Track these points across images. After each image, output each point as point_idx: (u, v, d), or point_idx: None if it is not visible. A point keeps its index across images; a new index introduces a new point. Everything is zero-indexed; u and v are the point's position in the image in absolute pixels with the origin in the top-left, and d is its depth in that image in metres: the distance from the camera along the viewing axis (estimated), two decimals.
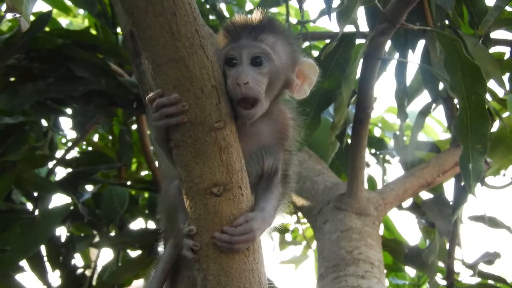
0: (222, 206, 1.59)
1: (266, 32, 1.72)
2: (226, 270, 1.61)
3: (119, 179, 4.61)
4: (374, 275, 2.52)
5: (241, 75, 1.64)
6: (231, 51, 1.69)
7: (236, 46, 1.69)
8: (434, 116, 4.79)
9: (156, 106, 1.57)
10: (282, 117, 1.81)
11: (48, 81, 3.77)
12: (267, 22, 1.75)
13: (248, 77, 1.64)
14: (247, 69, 1.66)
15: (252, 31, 1.71)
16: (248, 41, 1.69)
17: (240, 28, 1.72)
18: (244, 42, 1.69)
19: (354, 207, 2.76)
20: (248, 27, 1.72)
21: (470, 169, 2.32)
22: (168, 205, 1.84)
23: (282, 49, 1.74)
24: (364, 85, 2.59)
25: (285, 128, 1.81)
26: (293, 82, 1.79)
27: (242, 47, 1.69)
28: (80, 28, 5.03)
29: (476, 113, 2.29)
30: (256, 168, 1.74)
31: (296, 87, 1.80)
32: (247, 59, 1.68)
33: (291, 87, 1.80)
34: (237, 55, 1.68)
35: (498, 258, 3.17)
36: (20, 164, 3.40)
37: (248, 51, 1.68)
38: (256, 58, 1.68)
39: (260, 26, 1.72)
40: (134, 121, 4.65)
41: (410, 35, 2.93)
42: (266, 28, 1.73)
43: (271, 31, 1.74)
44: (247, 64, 1.68)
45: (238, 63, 1.68)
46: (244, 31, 1.71)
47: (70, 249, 4.04)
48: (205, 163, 1.57)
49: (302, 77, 1.81)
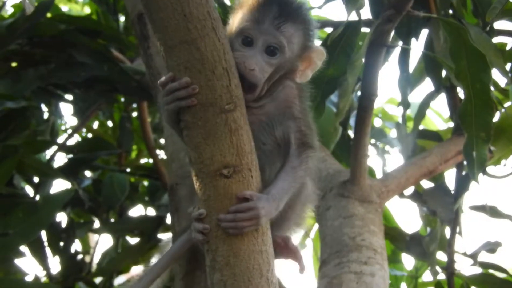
0: (231, 188, 1.60)
1: (289, 22, 1.73)
2: (235, 251, 1.62)
3: (119, 165, 4.61)
4: (377, 261, 2.53)
5: (251, 61, 1.68)
6: (250, 31, 1.72)
7: (257, 29, 1.71)
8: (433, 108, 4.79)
9: (168, 90, 1.59)
10: (287, 90, 1.83)
11: (50, 67, 3.76)
12: (293, 10, 1.76)
13: (257, 65, 1.69)
14: (258, 56, 1.70)
15: (277, 18, 1.71)
16: (270, 28, 1.71)
17: (267, 9, 1.72)
18: (266, 28, 1.71)
19: (357, 194, 2.77)
20: (274, 12, 1.71)
21: (474, 157, 2.33)
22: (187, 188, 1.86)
23: (298, 40, 1.77)
24: (369, 72, 2.59)
25: (290, 99, 1.82)
26: (297, 68, 1.82)
27: (262, 32, 1.71)
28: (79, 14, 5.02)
29: (480, 101, 2.29)
30: (270, 137, 1.76)
31: (299, 72, 1.83)
32: (262, 46, 1.71)
33: (294, 73, 1.83)
34: (254, 38, 1.71)
35: (499, 247, 3.18)
36: (22, 149, 3.39)
37: (266, 39, 1.71)
38: (270, 46, 1.72)
39: (285, 13, 1.73)
40: (135, 108, 4.64)
41: (413, 23, 2.93)
42: (290, 17, 1.74)
43: (294, 21, 1.75)
44: (260, 51, 1.71)
45: (253, 45, 1.71)
46: (270, 15, 1.71)
47: (71, 235, 4.05)
48: (215, 145, 1.58)
49: (307, 62, 1.84)
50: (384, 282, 2.48)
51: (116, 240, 4.40)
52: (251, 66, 1.67)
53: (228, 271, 1.63)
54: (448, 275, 3.26)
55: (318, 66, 1.85)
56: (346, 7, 2.24)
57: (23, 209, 3.28)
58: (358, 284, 2.41)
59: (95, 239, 4.59)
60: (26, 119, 3.66)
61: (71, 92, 4.14)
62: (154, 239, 4.18)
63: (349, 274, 2.46)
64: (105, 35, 3.94)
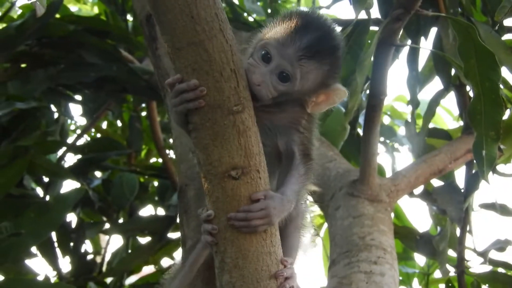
0: (240, 189, 1.60)
1: (312, 60, 1.70)
2: (243, 252, 1.62)
3: (128, 165, 4.63)
4: (387, 261, 2.52)
5: (258, 76, 1.68)
6: (271, 48, 1.71)
7: (279, 51, 1.69)
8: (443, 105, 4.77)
9: (176, 92, 1.59)
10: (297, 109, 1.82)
11: (59, 67, 3.79)
12: (323, 49, 1.72)
13: (263, 82, 1.68)
14: (267, 76, 1.69)
15: (303, 50, 1.68)
16: (291, 56, 1.69)
17: (299, 36, 1.69)
18: (287, 54, 1.69)
19: (367, 193, 2.76)
20: (304, 42, 1.68)
21: (484, 156, 2.32)
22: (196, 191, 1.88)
23: (315, 77, 1.74)
24: (377, 72, 2.59)
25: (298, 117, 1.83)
26: (309, 101, 1.81)
27: (282, 56, 1.69)
28: (89, 15, 5.03)
29: (489, 99, 2.28)
30: (269, 140, 1.76)
31: (312, 103, 1.82)
32: (276, 68, 1.70)
33: (306, 104, 1.82)
34: (273, 58, 1.70)
35: (509, 245, 3.18)
36: (32, 150, 3.41)
37: (282, 64, 1.70)
38: (283, 72, 1.70)
39: (313, 50, 1.69)
40: (144, 108, 4.65)
41: (422, 22, 2.93)
42: (316, 56, 1.70)
43: (319, 60, 1.72)
44: (273, 72, 1.70)
45: (269, 63, 1.70)
46: (298, 43, 1.68)
47: (81, 235, 4.07)
48: (224, 146, 1.58)
49: (325, 97, 1.82)
50: (394, 282, 2.48)
51: (127, 240, 4.41)
52: (257, 81, 1.67)
53: (237, 273, 1.63)
54: (459, 273, 3.26)
55: (336, 103, 1.85)
56: (354, 7, 2.24)
57: (34, 210, 3.28)
58: (368, 283, 2.41)
59: (106, 239, 4.60)
60: (36, 120, 3.68)
61: (81, 92, 4.16)
62: (164, 238, 4.19)
63: (358, 274, 2.46)
64: (114, 35, 3.96)
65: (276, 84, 1.70)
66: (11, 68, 3.81)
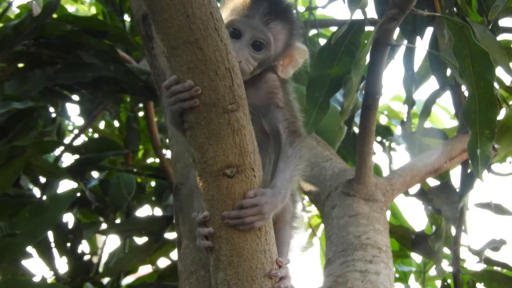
0: (235, 188, 1.62)
1: (278, 20, 1.81)
2: (238, 251, 1.64)
3: (126, 166, 4.63)
4: (382, 259, 2.53)
5: (238, 53, 1.74)
6: (238, 24, 1.79)
7: (246, 23, 1.79)
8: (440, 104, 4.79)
9: (171, 92, 1.61)
10: (269, 83, 1.89)
11: (57, 68, 3.78)
12: (282, 8, 1.84)
13: (243, 57, 1.77)
14: (245, 49, 1.78)
15: (267, 14, 1.78)
16: (259, 24, 1.78)
17: (257, 5, 1.80)
18: (256, 23, 1.78)
19: (362, 192, 2.77)
20: (264, 8, 1.79)
21: (478, 155, 2.33)
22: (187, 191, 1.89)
23: (283, 38, 1.85)
24: (373, 71, 2.59)
25: (272, 90, 1.88)
26: (278, 64, 1.90)
27: (251, 27, 1.79)
28: (86, 15, 5.04)
29: (484, 98, 2.29)
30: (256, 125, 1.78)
31: (280, 67, 1.91)
32: (250, 40, 1.79)
33: (275, 68, 1.91)
34: (243, 32, 1.78)
35: (504, 245, 3.18)
36: (29, 150, 3.41)
37: (254, 34, 1.79)
38: (257, 41, 1.79)
39: (275, 11, 1.80)
40: (141, 108, 4.66)
41: (418, 22, 2.93)
42: (279, 15, 1.81)
43: (282, 19, 1.82)
44: (248, 44, 1.79)
45: (240, 38, 1.79)
46: (260, 11, 1.78)
47: (78, 235, 4.07)
48: (219, 145, 1.60)
49: (289, 59, 1.92)
50: (389, 280, 2.48)
51: (124, 241, 4.41)
52: (238, 58, 1.72)
53: (232, 271, 1.64)
54: (454, 272, 3.27)
55: (300, 64, 1.94)
56: (349, 6, 2.25)
57: (30, 210, 3.28)
58: (363, 282, 2.41)
59: (103, 239, 4.60)
60: (33, 120, 3.67)
61: (78, 92, 4.15)
62: (161, 239, 4.19)
63: (354, 273, 2.46)
64: (111, 35, 3.96)
65: (253, 54, 1.80)
66: (8, 68, 3.81)
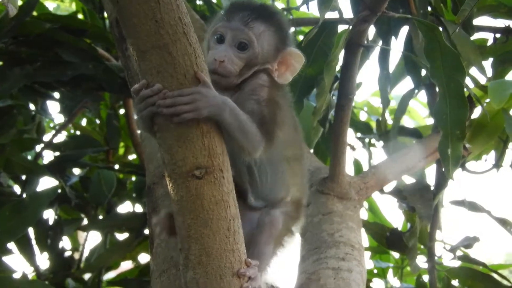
0: (203, 189, 1.64)
1: (258, 20, 1.84)
2: (207, 250, 1.66)
3: (106, 162, 4.64)
4: (354, 257, 2.56)
5: (220, 53, 1.80)
6: (220, 29, 1.85)
7: (227, 26, 1.83)
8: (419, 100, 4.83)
9: (141, 97, 1.62)
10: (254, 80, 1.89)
11: (36, 66, 3.77)
12: (262, 9, 1.88)
13: (226, 57, 1.80)
14: (228, 49, 1.82)
15: (246, 16, 1.83)
16: (239, 24, 1.82)
17: (236, 9, 1.85)
18: (235, 24, 1.83)
19: (336, 191, 2.80)
20: (243, 10, 1.84)
21: (449, 154, 2.37)
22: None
23: (268, 39, 1.87)
24: (346, 72, 2.62)
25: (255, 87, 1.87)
26: (273, 68, 1.91)
27: (231, 28, 1.83)
28: (67, 12, 5.04)
29: (455, 99, 2.33)
30: None
31: (276, 72, 1.91)
32: (232, 40, 1.83)
33: (270, 70, 1.91)
34: (225, 35, 1.83)
35: (477, 242, 3.23)
36: (9, 148, 3.42)
37: (235, 34, 1.83)
38: (240, 42, 1.83)
39: (255, 12, 1.84)
40: (121, 105, 4.67)
41: (393, 22, 2.97)
42: (260, 16, 1.85)
43: (264, 19, 1.86)
44: (231, 45, 1.83)
45: (224, 41, 1.83)
46: (239, 13, 1.84)
47: (58, 232, 4.07)
48: (188, 147, 1.62)
49: (285, 65, 1.92)
50: (362, 278, 2.52)
51: (105, 237, 4.43)
52: (221, 58, 1.79)
53: (201, 269, 1.67)
54: (429, 269, 3.31)
55: (297, 69, 1.93)
56: (319, 9, 2.28)
57: (10, 207, 3.29)
58: (336, 279, 2.45)
59: (84, 235, 4.62)
60: (12, 118, 3.68)
61: (58, 90, 4.15)
62: (141, 235, 4.21)
63: (327, 270, 2.49)
64: (91, 33, 3.96)
65: (238, 54, 1.83)
66: None
